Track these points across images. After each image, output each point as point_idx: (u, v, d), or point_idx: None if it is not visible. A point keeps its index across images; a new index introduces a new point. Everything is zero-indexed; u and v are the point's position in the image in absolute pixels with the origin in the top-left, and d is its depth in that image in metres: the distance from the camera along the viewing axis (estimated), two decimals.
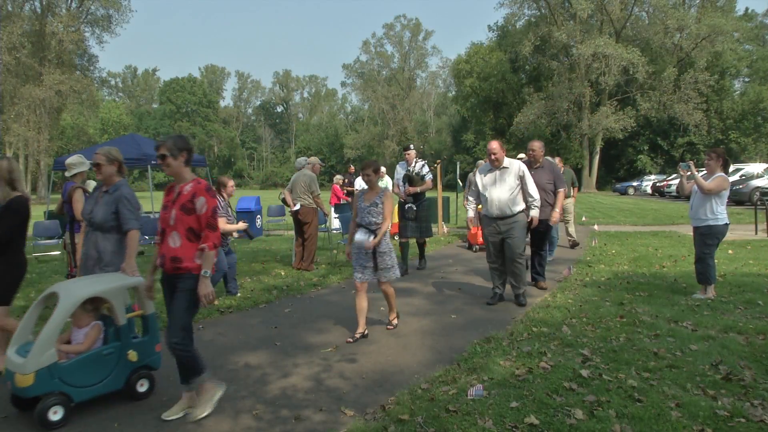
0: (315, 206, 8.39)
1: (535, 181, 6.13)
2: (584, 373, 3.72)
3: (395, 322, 5.22)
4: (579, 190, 10.74)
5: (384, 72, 73.68)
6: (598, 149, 43.57)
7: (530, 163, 6.69)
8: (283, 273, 8.16)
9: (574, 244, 10.57)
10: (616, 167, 47.75)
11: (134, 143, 12.80)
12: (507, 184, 5.79)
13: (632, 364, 3.91)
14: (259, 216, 13.85)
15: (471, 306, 6.07)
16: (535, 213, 5.92)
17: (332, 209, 12.71)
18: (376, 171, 4.93)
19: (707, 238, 5.85)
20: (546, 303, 5.95)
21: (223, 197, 6.23)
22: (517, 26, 48.97)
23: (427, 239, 8.47)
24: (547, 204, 6.61)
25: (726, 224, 5.84)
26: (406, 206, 7.82)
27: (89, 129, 64.27)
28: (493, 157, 5.82)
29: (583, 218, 16.55)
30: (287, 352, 4.56)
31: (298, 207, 8.29)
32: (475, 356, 4.24)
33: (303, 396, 3.64)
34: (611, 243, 10.85)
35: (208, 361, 4.36)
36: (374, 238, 4.77)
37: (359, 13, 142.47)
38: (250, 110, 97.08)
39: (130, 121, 78.18)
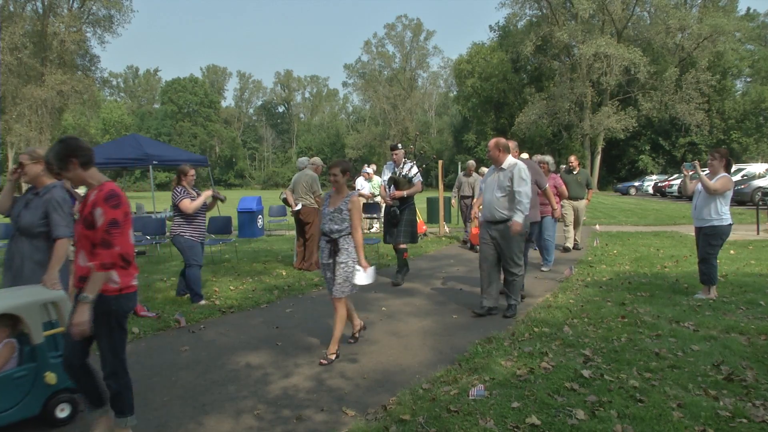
0: (316, 206, 8.39)
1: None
2: (586, 373, 3.72)
3: (332, 357, 4.28)
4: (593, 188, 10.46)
5: (385, 72, 73.66)
6: (599, 149, 43.54)
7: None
8: (284, 273, 8.16)
9: (570, 248, 10.14)
10: (618, 167, 47.73)
11: (136, 143, 12.83)
12: (499, 186, 5.40)
13: (634, 365, 3.91)
14: (260, 216, 13.86)
15: (472, 306, 6.04)
16: (518, 218, 5.30)
17: None
18: (345, 172, 4.43)
19: (711, 238, 5.84)
20: (547, 303, 5.95)
21: (183, 186, 6.22)
22: (519, 26, 49.02)
23: (408, 247, 7.65)
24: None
25: (730, 224, 5.84)
26: (390, 211, 7.22)
27: (91, 129, 64.41)
28: (488, 155, 5.60)
29: (584, 218, 16.54)
30: (288, 352, 4.56)
31: (299, 207, 8.29)
32: (477, 356, 4.24)
33: (304, 396, 3.64)
34: (613, 243, 10.84)
35: (210, 360, 4.39)
36: (341, 253, 4.35)
37: (360, 13, 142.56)
38: (251, 110, 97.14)
39: (132, 121, 78.36)
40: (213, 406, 3.51)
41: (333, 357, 4.25)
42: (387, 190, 7.40)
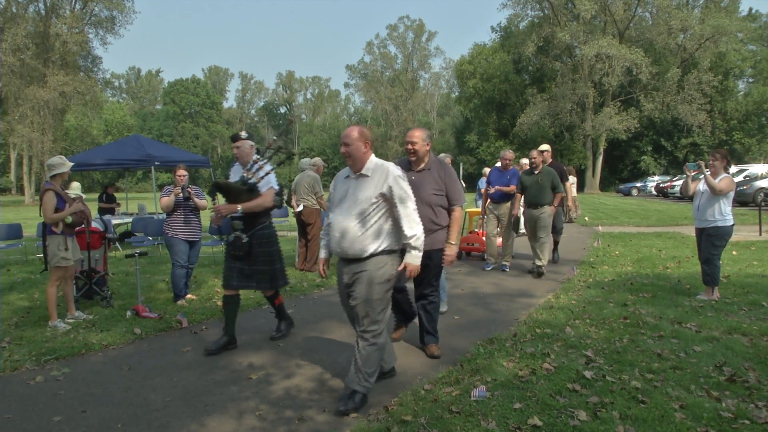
0: (318, 207, 8.41)
1: (420, 191, 3.98)
2: (588, 374, 3.71)
3: None
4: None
5: (387, 73, 73.73)
6: (601, 150, 43.55)
7: (409, 164, 4.31)
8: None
9: (537, 272, 7.73)
10: (620, 168, 47.72)
11: (138, 144, 12.84)
12: (357, 203, 3.38)
13: (636, 366, 3.90)
14: None
15: (474, 307, 6.06)
16: (412, 260, 3.42)
17: None
18: None
19: (715, 239, 5.83)
20: (549, 304, 5.94)
21: (173, 184, 6.41)
22: (521, 27, 48.98)
23: (280, 289, 5.06)
24: (436, 227, 4.21)
25: (732, 225, 5.84)
26: (231, 237, 4.62)
27: (93, 130, 64.59)
28: (343, 149, 3.46)
29: (586, 218, 16.53)
30: (290, 353, 4.56)
31: (301, 208, 8.32)
32: (478, 357, 4.23)
33: (306, 396, 3.64)
34: (615, 244, 10.82)
35: (211, 361, 4.39)
36: None
37: (363, 14, 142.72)
38: (253, 111, 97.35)
39: (134, 122, 78.53)
40: (215, 406, 3.51)
41: None
42: (213, 202, 4.81)
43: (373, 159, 3.49)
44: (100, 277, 6.45)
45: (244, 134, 4.82)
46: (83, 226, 5.74)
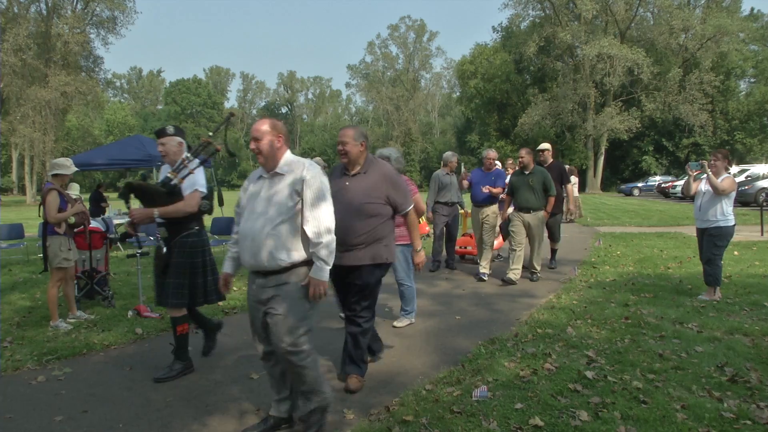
0: None
1: (351, 198, 3.61)
2: (589, 374, 3.71)
3: None
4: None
5: (388, 73, 73.70)
6: (602, 150, 43.52)
7: (344, 168, 3.83)
8: None
9: (512, 280, 7.12)
10: (621, 168, 47.65)
11: (139, 144, 12.86)
12: (272, 206, 2.93)
13: (637, 366, 3.89)
14: None
15: (475, 307, 6.06)
16: (317, 275, 2.89)
17: None
18: None
19: (717, 239, 5.83)
20: (550, 304, 5.94)
21: None
22: (522, 27, 48.90)
23: (201, 311, 4.58)
24: (365, 241, 3.69)
25: (734, 225, 5.85)
26: (158, 245, 4.09)
27: (94, 130, 64.68)
28: (252, 144, 2.98)
29: (588, 219, 16.52)
30: None
31: None
32: (480, 357, 4.23)
33: None
34: (616, 244, 10.81)
35: (213, 361, 4.38)
36: None
37: (364, 14, 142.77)
38: (254, 111, 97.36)
39: (135, 122, 78.64)
40: (216, 406, 3.51)
41: None
42: (127, 206, 4.19)
43: (288, 155, 3.05)
44: (101, 277, 6.45)
45: (170, 129, 4.23)
46: (83, 226, 5.75)
